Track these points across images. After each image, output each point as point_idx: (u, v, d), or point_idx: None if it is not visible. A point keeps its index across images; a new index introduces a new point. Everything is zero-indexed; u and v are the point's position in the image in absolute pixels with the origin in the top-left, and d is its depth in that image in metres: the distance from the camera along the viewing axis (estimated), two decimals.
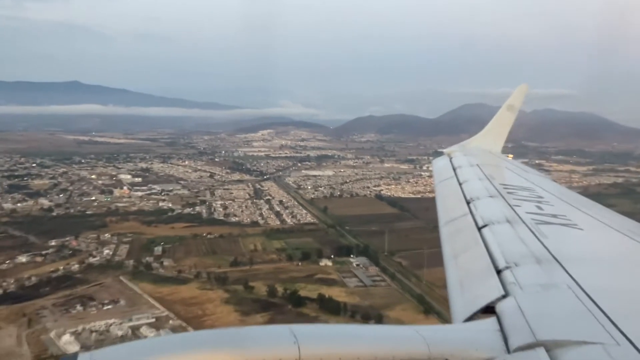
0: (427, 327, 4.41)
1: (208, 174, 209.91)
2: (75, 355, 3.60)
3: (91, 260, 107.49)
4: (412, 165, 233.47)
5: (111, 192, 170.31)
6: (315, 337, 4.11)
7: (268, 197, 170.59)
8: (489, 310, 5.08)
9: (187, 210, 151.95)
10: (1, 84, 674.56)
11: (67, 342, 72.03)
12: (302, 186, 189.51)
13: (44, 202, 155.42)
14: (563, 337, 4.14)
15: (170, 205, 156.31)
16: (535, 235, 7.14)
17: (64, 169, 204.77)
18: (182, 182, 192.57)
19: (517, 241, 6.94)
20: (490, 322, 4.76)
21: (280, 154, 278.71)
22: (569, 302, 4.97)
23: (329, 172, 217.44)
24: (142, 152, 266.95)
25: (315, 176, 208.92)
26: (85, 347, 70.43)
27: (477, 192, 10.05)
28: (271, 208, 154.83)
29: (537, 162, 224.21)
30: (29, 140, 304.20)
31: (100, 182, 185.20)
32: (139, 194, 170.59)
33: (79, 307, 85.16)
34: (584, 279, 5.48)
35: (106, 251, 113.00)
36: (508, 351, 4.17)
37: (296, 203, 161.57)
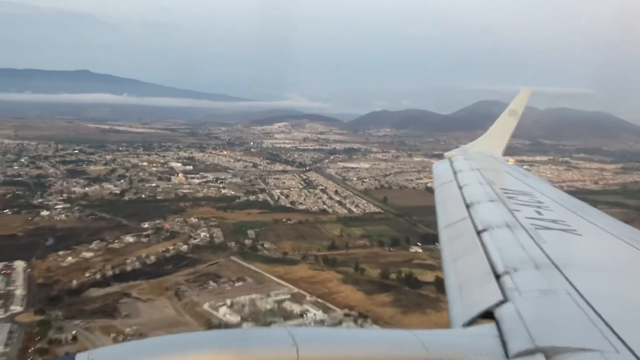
0: (425, 331, 4.45)
1: (250, 164, 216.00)
2: (72, 356, 3.61)
3: (193, 242, 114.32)
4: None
5: (169, 179, 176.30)
6: (314, 340, 4.13)
7: (320, 187, 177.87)
8: (488, 315, 5.10)
9: (251, 197, 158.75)
10: (12, 71, 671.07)
11: (226, 314, 79.47)
12: (346, 177, 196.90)
13: (110, 187, 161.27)
14: (562, 344, 4.15)
15: (232, 192, 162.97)
16: (534, 240, 7.17)
17: (110, 156, 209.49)
18: (230, 171, 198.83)
19: (516, 246, 6.97)
20: (489, 327, 4.79)
21: (306, 146, 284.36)
22: (568, 308, 4.97)
23: (365, 165, 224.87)
24: (168, 141, 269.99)
25: (353, 168, 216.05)
26: (242, 318, 78.27)
27: (477, 196, 10.14)
28: (330, 197, 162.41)
29: (561, 159, 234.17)
30: (52, 128, 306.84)
31: (153, 169, 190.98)
32: (197, 181, 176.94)
33: (212, 284, 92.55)
34: (583, 285, 5.46)
35: (202, 234, 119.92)
36: (507, 357, 4.18)
37: (351, 193, 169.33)
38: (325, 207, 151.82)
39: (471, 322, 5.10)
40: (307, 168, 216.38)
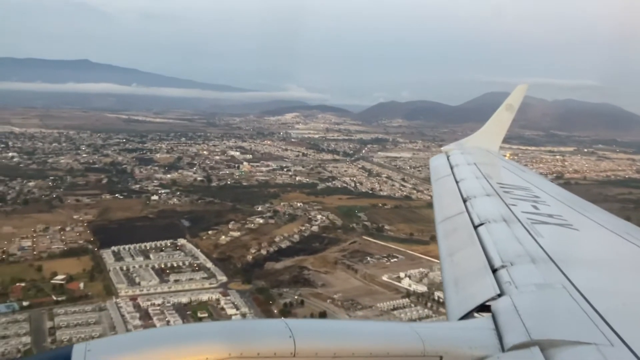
0: (422, 324, 5.19)
1: (298, 153, 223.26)
2: (70, 347, 3.67)
3: (316, 223, 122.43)
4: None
5: (237, 167, 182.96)
6: (310, 332, 4.21)
7: (383, 175, 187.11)
8: (484, 308, 5.20)
9: (328, 184, 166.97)
10: (12, 60, 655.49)
11: (410, 284, 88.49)
12: (398, 166, 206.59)
13: (189, 174, 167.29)
14: (558, 337, 4.22)
15: (306, 180, 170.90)
16: (531, 234, 7.24)
17: (162, 145, 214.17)
18: (286, 160, 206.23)
19: (513, 240, 7.04)
20: (485, 320, 4.87)
21: (332, 136, 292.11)
22: (564, 302, 5.04)
23: (406, 154, 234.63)
24: (191, 131, 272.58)
25: (397, 157, 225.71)
26: (428, 288, 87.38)
27: (474, 190, 10.20)
28: (402, 185, 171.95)
29: (585, 150, 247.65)
30: (75, 117, 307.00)
31: (216, 157, 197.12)
32: (264, 169, 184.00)
33: (369, 259, 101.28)
34: (579, 280, 5.53)
35: (318, 216, 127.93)
36: (503, 350, 4.25)
37: (418, 181, 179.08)
38: (405, 193, 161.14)
39: (467, 316, 5.24)
40: (354, 157, 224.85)
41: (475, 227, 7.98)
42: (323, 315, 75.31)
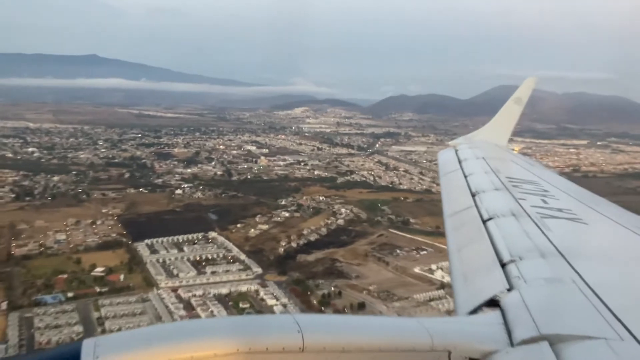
0: (430, 319, 4.52)
1: (313, 147, 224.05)
2: (79, 342, 3.72)
3: (341, 216, 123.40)
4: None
5: (255, 162, 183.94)
6: (318, 327, 4.23)
7: (401, 169, 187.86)
8: (493, 303, 5.15)
9: (347, 178, 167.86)
10: (22, 56, 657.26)
11: (444, 276, 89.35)
12: (414, 160, 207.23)
13: (208, 168, 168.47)
14: (567, 332, 4.20)
15: (325, 174, 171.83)
16: (540, 229, 7.23)
17: (179, 140, 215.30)
18: (302, 154, 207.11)
19: (522, 235, 7.02)
20: (494, 315, 4.86)
21: (344, 130, 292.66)
22: (574, 296, 5.04)
23: (421, 148, 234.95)
24: (203, 125, 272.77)
25: (411, 151, 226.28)
26: None
27: (483, 185, 10.19)
28: (421, 178, 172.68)
29: (599, 143, 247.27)
30: (88, 112, 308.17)
31: (233, 152, 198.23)
32: (281, 163, 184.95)
33: (399, 251, 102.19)
34: (589, 274, 5.50)
35: (342, 210, 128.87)
36: (511, 344, 4.25)
37: (436, 174, 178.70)
38: (424, 187, 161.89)
39: (476, 310, 5.19)
40: (369, 151, 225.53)
41: (484, 222, 7.97)
42: (362, 306, 76.48)
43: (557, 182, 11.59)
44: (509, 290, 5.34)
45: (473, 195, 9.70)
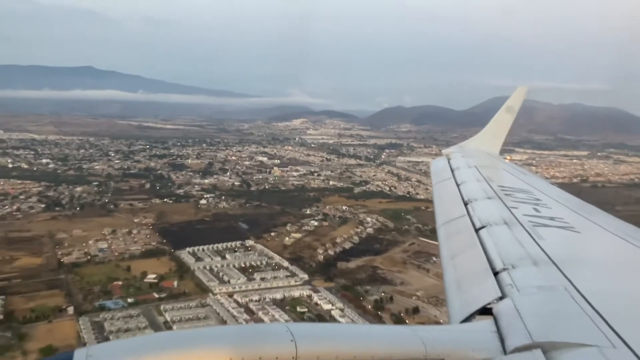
0: (424, 327, 4.52)
1: (321, 158, 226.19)
2: (71, 352, 3.65)
3: (369, 225, 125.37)
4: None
5: (269, 172, 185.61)
6: (312, 336, 4.20)
7: (413, 179, 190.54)
8: (486, 311, 5.16)
9: (363, 188, 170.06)
10: (16, 67, 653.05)
11: None
12: (423, 170, 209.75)
13: (224, 179, 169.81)
14: (560, 339, 4.20)
15: (340, 184, 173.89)
16: (532, 237, 7.24)
17: (189, 151, 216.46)
18: (312, 164, 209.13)
19: (514, 243, 7.03)
20: (487, 323, 4.86)
21: (346, 141, 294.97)
22: (566, 304, 5.03)
23: (426, 159, 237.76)
24: (206, 137, 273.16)
25: (418, 162, 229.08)
26: None
27: (475, 193, 10.17)
28: None
29: (599, 154, 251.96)
30: (89, 124, 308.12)
31: (246, 162, 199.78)
32: (295, 174, 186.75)
33: (435, 259, 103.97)
34: (581, 282, 5.52)
35: (368, 219, 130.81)
36: (505, 352, 4.25)
37: None
38: None
39: (469, 318, 5.19)
40: (377, 162, 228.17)
41: (477, 230, 8.00)
42: (416, 310, 78.26)
43: (549, 190, 11.61)
44: (501, 298, 5.36)
45: (465, 204, 9.77)
